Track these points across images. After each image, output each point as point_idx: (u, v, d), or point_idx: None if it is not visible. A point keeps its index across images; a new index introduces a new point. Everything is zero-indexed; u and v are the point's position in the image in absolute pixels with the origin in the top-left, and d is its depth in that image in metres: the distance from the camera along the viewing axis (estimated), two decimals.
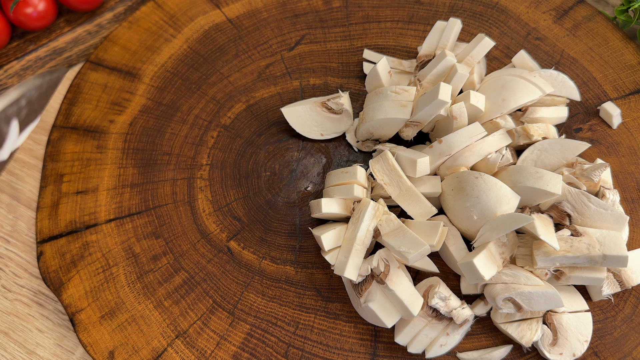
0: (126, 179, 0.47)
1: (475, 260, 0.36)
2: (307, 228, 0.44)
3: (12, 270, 0.47)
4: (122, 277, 0.44)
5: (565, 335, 0.38)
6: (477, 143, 0.40)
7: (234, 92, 0.50)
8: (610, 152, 0.45)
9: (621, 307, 0.40)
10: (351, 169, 0.41)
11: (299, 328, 0.41)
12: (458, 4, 0.51)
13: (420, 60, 0.46)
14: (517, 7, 0.51)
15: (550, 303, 0.36)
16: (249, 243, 0.44)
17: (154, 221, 0.46)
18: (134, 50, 0.52)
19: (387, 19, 0.51)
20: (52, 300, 0.46)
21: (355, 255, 0.38)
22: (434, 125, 0.45)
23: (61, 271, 0.44)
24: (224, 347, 0.41)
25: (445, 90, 0.39)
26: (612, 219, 0.38)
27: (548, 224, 0.38)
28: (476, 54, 0.44)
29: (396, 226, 0.39)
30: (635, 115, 0.46)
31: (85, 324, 0.42)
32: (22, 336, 0.45)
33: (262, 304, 0.42)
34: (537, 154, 0.42)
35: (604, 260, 0.36)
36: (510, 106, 0.42)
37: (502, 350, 0.39)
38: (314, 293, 0.42)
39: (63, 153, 0.49)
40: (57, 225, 0.46)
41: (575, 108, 0.46)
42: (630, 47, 0.48)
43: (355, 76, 0.49)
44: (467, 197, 0.38)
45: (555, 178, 0.37)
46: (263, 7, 0.53)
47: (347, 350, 0.40)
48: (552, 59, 0.49)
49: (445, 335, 0.39)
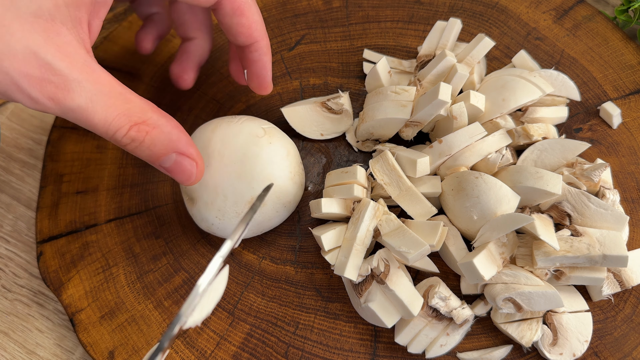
0: (126, 179, 0.47)
1: (475, 260, 0.36)
2: (307, 228, 0.44)
3: (12, 270, 0.47)
4: (122, 277, 0.44)
5: (566, 335, 0.38)
6: (477, 143, 0.40)
7: (234, 92, 0.50)
8: (610, 152, 0.45)
9: (621, 307, 0.40)
10: (351, 169, 0.41)
11: (299, 328, 0.41)
12: (458, 4, 0.51)
13: (420, 60, 0.46)
14: (517, 7, 0.51)
15: (550, 303, 0.36)
16: (249, 243, 0.44)
17: (154, 221, 0.46)
18: (134, 50, 0.52)
19: (387, 19, 0.51)
20: (52, 300, 0.46)
21: (355, 255, 0.38)
22: (434, 125, 0.45)
23: (61, 271, 0.44)
24: (223, 347, 0.41)
25: (445, 90, 0.39)
26: (612, 219, 0.38)
27: (548, 224, 0.38)
28: (476, 54, 0.44)
29: (396, 226, 0.39)
30: (635, 115, 0.46)
31: (85, 324, 0.42)
32: (22, 336, 0.45)
33: (262, 304, 0.42)
34: (537, 154, 0.42)
35: (604, 260, 0.36)
36: (510, 106, 0.42)
37: (502, 350, 0.39)
38: (314, 293, 0.42)
39: (63, 153, 0.49)
40: (57, 225, 0.46)
41: (575, 108, 0.46)
42: (630, 47, 0.48)
43: (355, 76, 0.49)
44: (467, 197, 0.38)
45: (555, 178, 0.37)
46: (263, 7, 0.53)
47: (347, 350, 0.40)
48: (552, 59, 0.49)
49: (445, 335, 0.39)
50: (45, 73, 0.30)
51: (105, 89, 0.32)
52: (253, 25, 0.40)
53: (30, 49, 0.29)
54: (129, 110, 0.32)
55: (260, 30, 0.41)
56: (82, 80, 0.31)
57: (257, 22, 0.40)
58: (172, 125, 0.35)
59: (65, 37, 0.31)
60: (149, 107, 0.34)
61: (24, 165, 0.51)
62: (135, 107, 0.33)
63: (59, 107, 0.31)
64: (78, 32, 0.31)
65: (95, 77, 0.31)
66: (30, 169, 0.51)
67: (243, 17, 0.39)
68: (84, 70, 0.31)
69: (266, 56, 0.42)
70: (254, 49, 0.41)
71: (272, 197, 0.40)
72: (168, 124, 0.34)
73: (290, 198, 0.42)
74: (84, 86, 0.31)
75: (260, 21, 0.40)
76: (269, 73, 0.43)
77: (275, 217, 0.42)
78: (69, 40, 0.31)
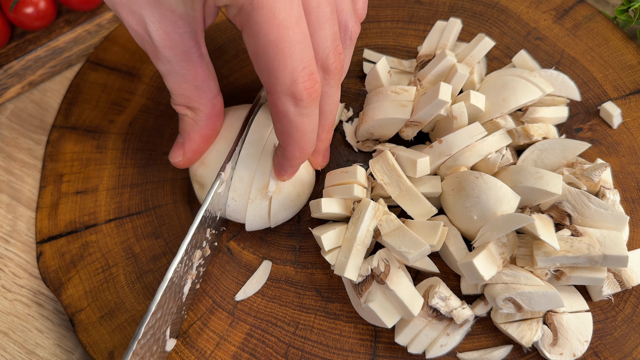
0: (126, 179, 0.47)
1: (475, 261, 0.36)
2: (307, 228, 0.44)
3: (12, 270, 0.47)
4: (122, 277, 0.44)
5: (566, 335, 0.38)
6: (477, 143, 0.40)
7: (234, 92, 0.50)
8: (610, 152, 0.45)
9: (621, 307, 0.40)
10: (351, 168, 0.41)
11: (299, 328, 0.41)
12: (458, 3, 0.51)
13: (420, 60, 0.46)
14: (517, 7, 0.51)
15: (550, 303, 0.36)
16: (249, 243, 0.44)
17: (153, 221, 0.46)
18: (134, 50, 0.52)
19: (387, 18, 0.51)
20: (52, 300, 0.46)
21: (355, 255, 0.38)
22: (434, 125, 0.45)
23: (61, 271, 0.44)
24: (223, 347, 0.41)
25: (446, 90, 0.39)
26: (612, 219, 0.38)
27: (548, 224, 0.38)
28: (476, 54, 0.44)
29: (396, 226, 0.39)
30: (635, 115, 0.46)
31: (85, 324, 0.42)
32: (21, 336, 0.45)
33: (262, 304, 0.42)
34: (537, 154, 0.42)
35: (604, 260, 0.36)
36: (511, 106, 0.42)
37: (502, 351, 0.39)
38: (314, 293, 0.42)
39: (63, 153, 0.49)
40: (56, 225, 0.46)
41: (575, 108, 0.46)
42: (630, 47, 0.48)
43: (355, 76, 0.49)
44: (467, 197, 0.38)
45: (555, 178, 0.37)
46: None
47: (347, 351, 0.40)
48: (552, 59, 0.49)
49: (445, 335, 0.39)
50: (146, 37, 0.35)
51: (189, 74, 0.37)
52: (285, 136, 0.36)
53: (143, 18, 0.34)
54: (190, 99, 0.39)
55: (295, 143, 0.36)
56: (171, 58, 0.36)
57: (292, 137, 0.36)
58: (202, 130, 0.41)
59: (179, 27, 0.35)
60: (209, 107, 0.40)
61: (24, 165, 0.51)
62: (195, 100, 0.39)
63: (152, 59, 0.37)
64: (192, 26, 0.35)
65: (185, 65, 0.37)
66: (30, 169, 0.51)
67: (279, 123, 0.35)
68: (177, 54, 0.36)
69: (286, 162, 0.38)
70: (279, 148, 0.38)
71: (287, 185, 0.42)
72: (203, 128, 0.41)
73: (304, 188, 0.42)
74: (170, 61, 0.36)
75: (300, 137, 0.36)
76: (282, 172, 0.40)
77: (294, 203, 0.42)
78: (181, 32, 0.35)
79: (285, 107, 0.34)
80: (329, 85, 0.37)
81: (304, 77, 0.32)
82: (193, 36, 0.36)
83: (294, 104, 0.33)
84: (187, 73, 0.37)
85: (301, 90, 0.33)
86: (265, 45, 0.31)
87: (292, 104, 0.33)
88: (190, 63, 0.37)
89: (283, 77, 0.32)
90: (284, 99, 0.33)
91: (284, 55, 0.31)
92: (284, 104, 0.34)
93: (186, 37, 0.35)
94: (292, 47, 0.31)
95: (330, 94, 0.37)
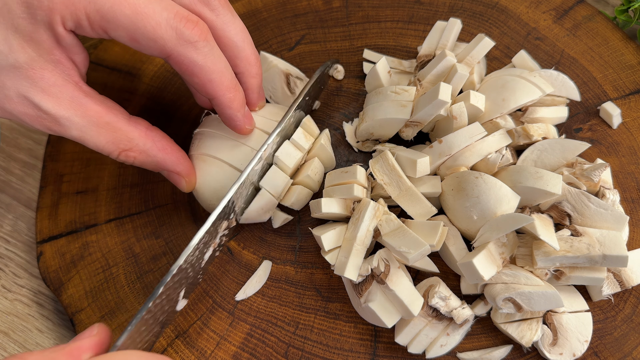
0: (126, 179, 0.47)
1: (475, 260, 0.36)
2: (307, 228, 0.44)
3: (12, 270, 0.47)
4: (122, 277, 0.44)
5: (566, 335, 0.38)
6: (477, 143, 0.40)
7: None
8: (610, 152, 0.45)
9: (621, 307, 0.40)
10: (351, 168, 0.41)
11: (299, 328, 0.41)
12: (458, 4, 0.51)
13: (420, 60, 0.46)
14: (517, 7, 0.51)
15: (550, 303, 0.36)
16: (249, 243, 0.44)
17: (153, 221, 0.46)
18: (134, 50, 0.52)
19: (387, 19, 0.51)
20: (52, 300, 0.46)
21: (355, 255, 0.38)
22: (434, 125, 0.45)
23: (61, 271, 0.44)
24: (223, 347, 0.41)
25: (445, 90, 0.39)
26: (612, 219, 0.38)
27: (548, 224, 0.38)
28: (476, 54, 0.44)
29: (396, 226, 0.39)
30: (635, 115, 0.46)
31: (85, 324, 0.42)
32: (22, 336, 0.45)
33: (262, 304, 0.42)
34: (537, 154, 0.42)
35: (604, 260, 0.36)
36: (510, 106, 0.42)
37: (502, 350, 0.39)
38: (314, 293, 0.42)
39: (63, 153, 0.49)
40: (57, 225, 0.46)
41: (575, 108, 0.46)
42: (630, 47, 0.48)
43: (355, 76, 0.49)
44: (467, 197, 0.38)
45: (555, 178, 0.37)
46: (263, 7, 0.53)
47: (347, 350, 0.40)
48: (552, 59, 0.49)
49: (445, 335, 0.39)
50: (38, 112, 0.35)
51: (94, 120, 0.36)
52: (208, 85, 0.36)
53: (22, 94, 0.34)
54: (116, 138, 0.37)
55: (218, 86, 0.37)
56: (70, 116, 0.35)
57: (212, 81, 0.36)
58: (158, 148, 0.38)
59: (49, 79, 0.34)
60: (136, 132, 0.37)
61: (24, 165, 0.51)
62: (121, 136, 0.37)
63: (60, 134, 0.36)
64: (62, 70, 0.35)
65: (83, 111, 0.35)
66: (30, 169, 0.51)
67: (194, 77, 0.36)
68: (71, 107, 0.35)
69: (229, 110, 0.38)
70: (214, 103, 0.38)
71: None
72: (154, 147, 0.38)
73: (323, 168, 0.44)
74: (72, 120, 0.35)
75: (219, 77, 0.36)
76: (239, 123, 0.39)
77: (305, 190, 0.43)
78: (53, 82, 0.34)
79: (187, 56, 0.35)
80: (222, 15, 0.37)
81: (181, 21, 0.34)
82: (69, 79, 0.35)
83: (193, 48, 0.34)
84: (90, 120, 0.36)
85: (188, 33, 0.34)
86: (129, 24, 0.33)
87: (190, 49, 0.34)
88: (83, 106, 0.35)
89: (163, 33, 0.33)
90: (181, 50, 0.34)
91: (148, 17, 0.33)
92: (184, 55, 0.35)
93: (61, 82, 0.35)
94: (151, 8, 0.33)
95: (227, 22, 0.37)
